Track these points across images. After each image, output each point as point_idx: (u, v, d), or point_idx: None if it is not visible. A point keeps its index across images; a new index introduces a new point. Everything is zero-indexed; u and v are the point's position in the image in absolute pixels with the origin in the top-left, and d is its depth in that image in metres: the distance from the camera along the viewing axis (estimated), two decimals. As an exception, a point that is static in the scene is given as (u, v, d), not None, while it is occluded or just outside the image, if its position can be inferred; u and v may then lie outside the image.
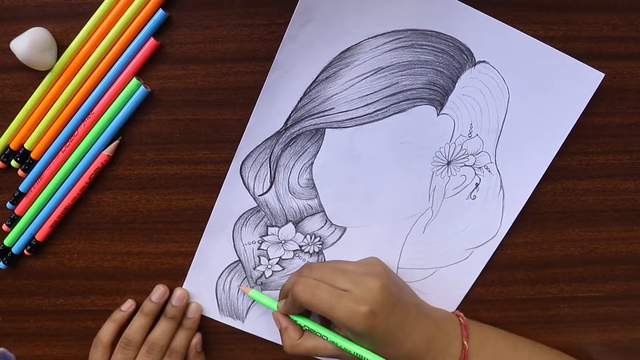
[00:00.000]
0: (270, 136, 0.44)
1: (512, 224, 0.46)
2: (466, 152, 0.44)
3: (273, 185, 0.46)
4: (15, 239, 0.47)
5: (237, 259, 0.48)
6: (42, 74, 0.43)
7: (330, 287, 0.40)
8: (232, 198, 0.46)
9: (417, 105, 0.43)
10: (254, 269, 0.48)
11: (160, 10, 0.41)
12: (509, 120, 0.43)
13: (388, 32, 0.41)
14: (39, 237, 0.47)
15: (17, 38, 0.41)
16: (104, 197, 0.46)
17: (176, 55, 0.42)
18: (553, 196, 0.46)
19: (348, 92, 0.43)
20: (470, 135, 0.44)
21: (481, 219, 0.46)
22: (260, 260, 0.48)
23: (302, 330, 0.44)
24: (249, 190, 0.46)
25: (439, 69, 0.42)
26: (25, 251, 0.47)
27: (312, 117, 0.44)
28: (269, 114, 0.44)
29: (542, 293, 0.49)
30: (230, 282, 0.48)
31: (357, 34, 0.42)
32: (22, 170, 0.45)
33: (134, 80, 0.43)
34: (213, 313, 0.49)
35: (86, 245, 0.48)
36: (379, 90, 0.43)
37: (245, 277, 0.48)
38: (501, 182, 0.45)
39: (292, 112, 0.43)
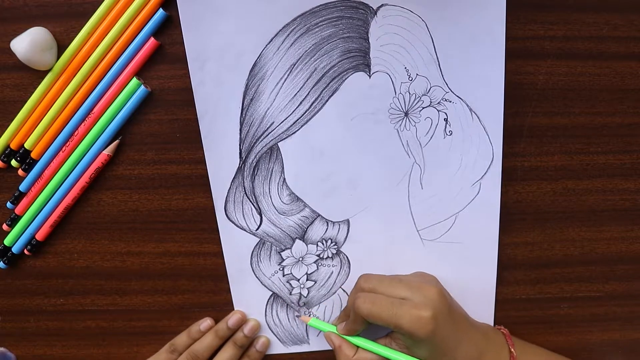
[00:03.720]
0: (234, 175, 0.45)
1: (502, 138, 0.44)
2: (417, 96, 0.43)
3: (262, 215, 0.46)
4: (15, 238, 0.47)
5: (271, 292, 0.49)
6: (42, 74, 0.43)
7: (389, 297, 0.41)
8: (235, 243, 0.47)
9: (346, 78, 0.42)
10: (291, 294, 0.49)
11: (160, 10, 0.41)
12: (439, 45, 0.42)
13: (280, 30, 0.41)
14: (39, 236, 0.47)
15: (17, 38, 0.41)
16: (104, 197, 0.46)
17: (176, 55, 0.42)
18: (553, 196, 0.46)
19: (278, 102, 0.43)
20: (410, 78, 0.42)
21: (470, 149, 0.44)
22: (291, 284, 0.48)
23: (355, 347, 0.45)
24: (245, 230, 0.46)
25: (345, 35, 0.41)
26: (25, 251, 0.47)
27: (260, 140, 0.44)
28: (221, 157, 0.44)
29: (542, 293, 0.49)
30: (278, 314, 0.49)
31: (254, 47, 0.42)
32: (22, 170, 0.45)
33: (134, 80, 0.43)
34: (278, 348, 0.50)
35: (86, 245, 0.48)
36: (303, 85, 0.43)
37: (287, 304, 0.49)
38: (468, 106, 0.43)
39: (240, 145, 0.44)
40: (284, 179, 0.45)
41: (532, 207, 0.47)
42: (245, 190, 0.45)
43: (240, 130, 0.44)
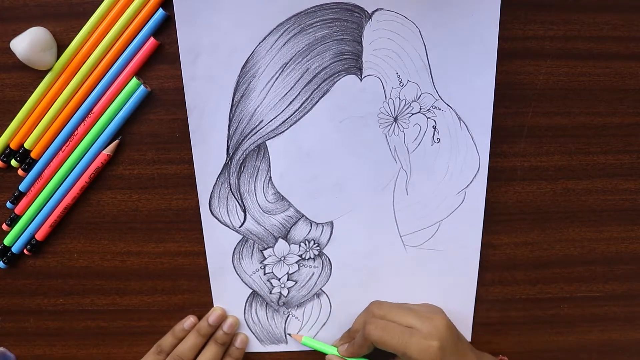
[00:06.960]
0: (221, 171, 0.45)
1: (489, 148, 0.44)
2: (407, 102, 0.43)
3: (247, 213, 0.46)
4: (15, 238, 0.47)
5: (251, 290, 0.49)
6: (42, 74, 0.43)
7: (400, 325, 0.42)
8: (217, 239, 0.47)
9: (337, 81, 0.42)
10: (270, 293, 0.49)
11: (160, 10, 0.41)
12: (432, 52, 0.42)
13: (274, 29, 0.41)
14: (39, 236, 0.47)
15: (17, 38, 0.41)
16: (104, 197, 0.46)
17: (176, 55, 0.42)
18: (553, 196, 0.46)
19: (268, 100, 0.43)
20: (402, 84, 0.42)
21: (457, 157, 0.45)
22: (271, 283, 0.48)
23: None
24: (228, 227, 0.46)
25: (338, 37, 0.41)
26: (25, 251, 0.47)
27: (248, 137, 0.44)
28: (208, 153, 0.44)
29: (542, 293, 0.49)
30: (257, 312, 0.49)
31: (247, 44, 0.41)
32: (22, 169, 0.45)
33: (134, 80, 0.43)
34: (255, 346, 0.50)
35: (86, 245, 0.48)
36: (294, 85, 0.42)
37: (267, 303, 0.49)
38: (457, 114, 0.43)
39: (227, 141, 0.44)
40: (270, 177, 0.45)
41: (532, 207, 0.47)
42: (230, 187, 0.45)
43: (229, 126, 0.43)
